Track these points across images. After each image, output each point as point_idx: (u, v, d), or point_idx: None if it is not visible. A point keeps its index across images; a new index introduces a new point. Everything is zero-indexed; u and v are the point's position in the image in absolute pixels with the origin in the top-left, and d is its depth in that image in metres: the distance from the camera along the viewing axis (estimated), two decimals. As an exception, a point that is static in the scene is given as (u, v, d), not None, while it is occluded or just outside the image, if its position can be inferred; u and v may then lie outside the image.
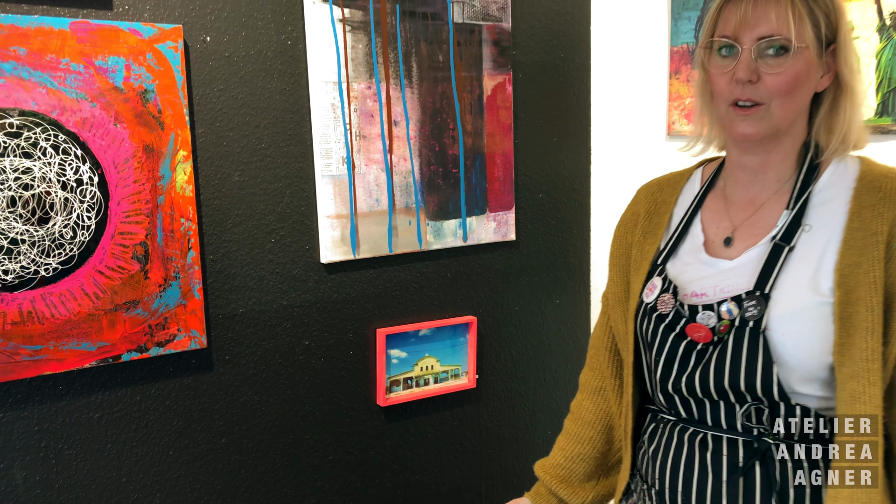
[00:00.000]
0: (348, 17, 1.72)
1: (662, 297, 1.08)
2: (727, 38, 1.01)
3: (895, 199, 0.97)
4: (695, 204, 1.15)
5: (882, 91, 1.80)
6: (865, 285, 0.94)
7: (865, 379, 0.93)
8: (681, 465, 1.06)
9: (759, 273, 1.00)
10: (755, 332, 0.97)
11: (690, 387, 1.03)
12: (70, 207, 1.44)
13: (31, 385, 1.47)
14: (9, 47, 1.36)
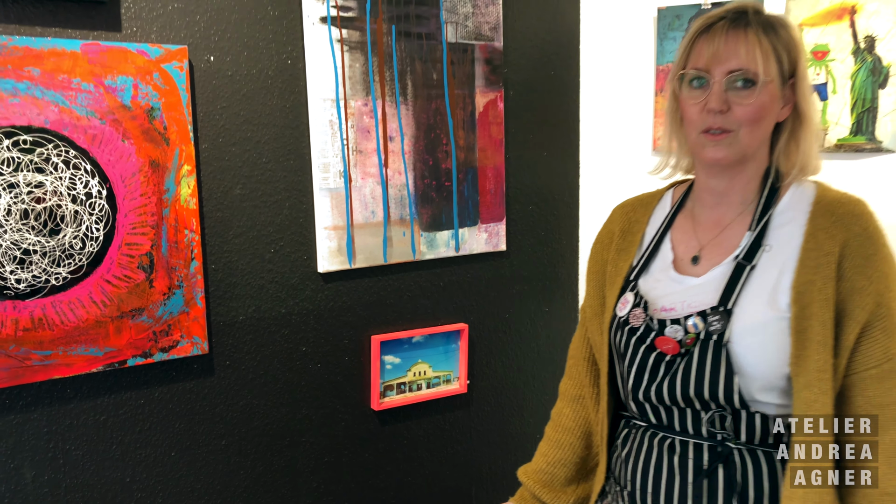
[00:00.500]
0: (346, 38, 1.80)
1: (634, 312, 1.15)
2: (700, 70, 1.08)
3: (846, 222, 1.05)
4: (665, 224, 1.23)
5: (857, 111, 1.88)
6: (819, 302, 1.02)
7: (818, 388, 1.01)
8: (651, 468, 1.13)
9: (722, 290, 1.08)
10: (718, 345, 1.05)
11: (659, 395, 1.11)
12: (80, 219, 1.51)
13: (41, 388, 1.54)
14: (23, 68, 1.43)
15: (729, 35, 1.06)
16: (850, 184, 1.89)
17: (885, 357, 1.02)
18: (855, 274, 1.03)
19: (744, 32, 1.06)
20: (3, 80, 1.41)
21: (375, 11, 1.83)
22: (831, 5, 1.87)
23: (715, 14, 1.10)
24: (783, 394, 1.05)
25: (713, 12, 1.11)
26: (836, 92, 1.89)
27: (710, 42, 1.08)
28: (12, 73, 1.42)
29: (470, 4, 1.97)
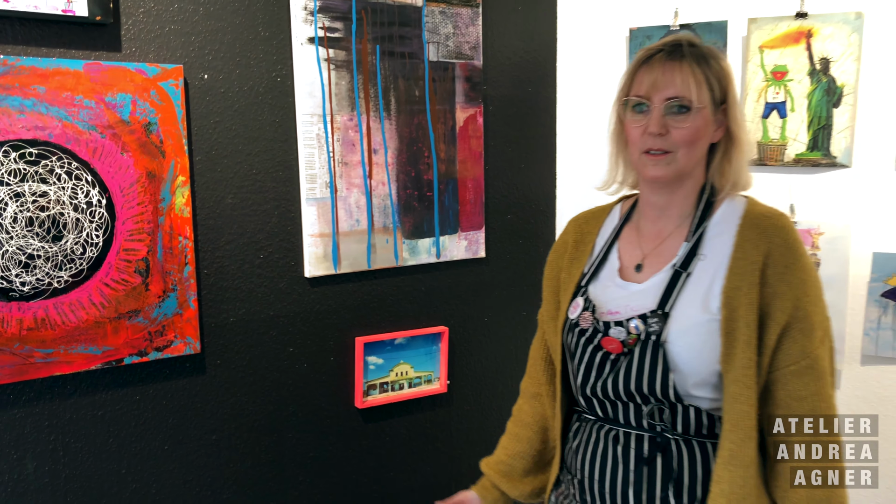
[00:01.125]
0: (333, 57, 1.91)
1: (584, 315, 1.26)
2: (641, 97, 1.20)
3: (769, 234, 1.17)
4: (614, 235, 1.34)
5: (813, 128, 2.00)
6: (744, 305, 1.13)
7: (743, 383, 1.12)
8: (597, 458, 1.24)
9: (661, 295, 1.19)
10: (656, 345, 1.16)
11: (605, 390, 1.22)
12: (81, 227, 1.62)
13: (42, 385, 1.64)
14: (30, 86, 1.54)
15: (666, 66, 1.18)
16: (807, 196, 2.02)
17: (803, 355, 1.14)
18: (776, 280, 1.14)
19: (679, 64, 1.18)
20: (10, 97, 1.52)
21: (361, 32, 1.95)
22: (789, 29, 1.99)
23: (654, 47, 1.22)
24: (715, 389, 1.17)
25: (652, 45, 1.23)
26: (794, 110, 2.01)
27: (649, 72, 1.19)
28: (19, 91, 1.53)
29: (451, 25, 2.09)
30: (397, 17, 2.00)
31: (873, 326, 1.96)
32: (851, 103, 1.94)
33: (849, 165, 1.97)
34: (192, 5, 1.73)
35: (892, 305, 1.93)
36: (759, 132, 2.07)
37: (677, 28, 2.15)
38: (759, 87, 2.05)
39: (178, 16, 1.71)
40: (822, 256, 2.00)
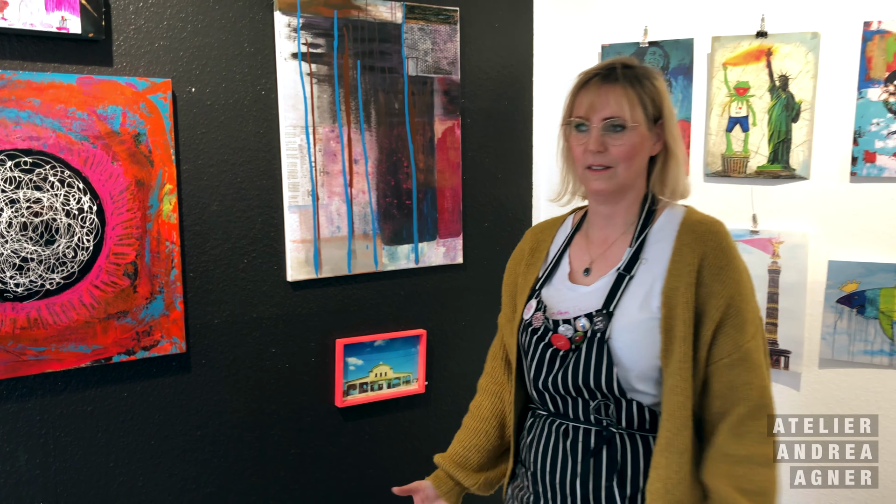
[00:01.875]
0: (315, 72, 2.01)
1: (536, 315, 1.36)
2: (581, 118, 1.30)
3: (705, 239, 1.27)
4: (566, 242, 1.44)
5: (773, 142, 2.10)
6: (681, 304, 1.23)
7: (680, 376, 1.22)
8: (549, 451, 1.33)
9: (606, 296, 1.29)
10: (601, 341, 1.26)
11: (555, 385, 1.31)
12: (72, 232, 1.71)
13: (34, 381, 1.73)
14: (26, 98, 1.63)
15: (601, 88, 1.28)
16: (768, 206, 2.11)
17: (735, 348, 1.23)
18: (711, 280, 1.24)
19: (613, 86, 1.28)
20: (7, 110, 1.62)
21: (342, 48, 2.05)
22: (750, 47, 2.09)
23: (591, 71, 1.32)
24: (656, 384, 1.26)
25: (590, 69, 1.33)
26: (755, 124, 2.11)
27: (587, 95, 1.30)
28: (15, 104, 1.62)
29: (429, 41, 2.19)
30: (377, 33, 2.10)
31: (830, 331, 2.05)
32: (809, 118, 2.04)
33: (807, 177, 2.06)
34: (180, 23, 1.83)
35: (846, 311, 2.02)
36: (723, 145, 2.16)
37: (646, 45, 2.25)
38: (723, 102, 2.15)
39: (167, 32, 1.81)
40: (782, 264, 2.10)
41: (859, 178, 1.99)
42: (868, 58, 1.94)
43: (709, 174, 2.20)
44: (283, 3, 1.94)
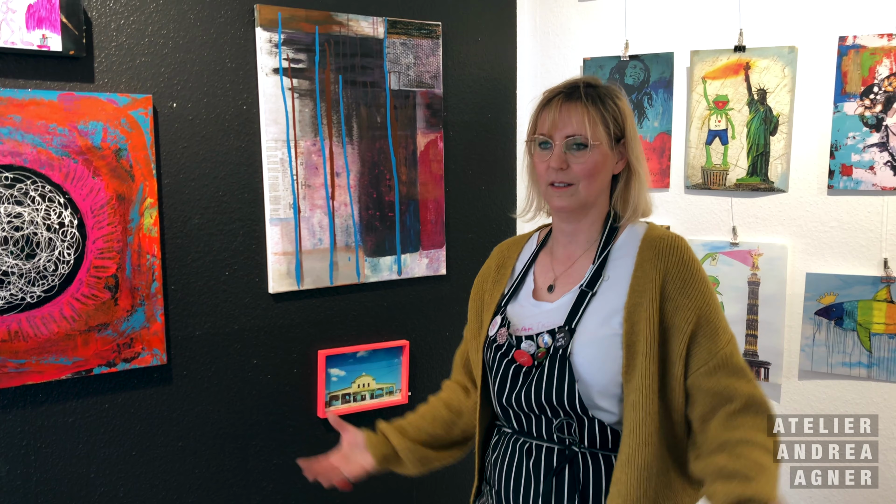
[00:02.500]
0: (296, 86, 2.03)
1: (500, 331, 1.37)
2: (544, 135, 1.32)
3: (666, 255, 1.28)
4: (531, 259, 1.45)
5: (752, 155, 2.11)
6: (644, 320, 1.24)
7: (642, 392, 1.23)
8: (513, 470, 1.34)
9: (568, 312, 1.30)
10: (563, 357, 1.27)
11: (518, 402, 1.32)
12: (53, 246, 1.73)
13: (15, 393, 1.75)
14: (6, 115, 1.66)
15: (563, 107, 1.30)
16: (747, 218, 2.13)
17: (711, 356, 1.25)
18: (677, 294, 1.26)
19: (575, 105, 1.29)
20: (-12, 126, 1.64)
21: (324, 63, 2.07)
22: (729, 61, 2.11)
23: (555, 89, 1.34)
24: (619, 402, 1.27)
25: (554, 87, 1.35)
26: (734, 137, 2.13)
27: (550, 112, 1.31)
28: (-3, 120, 1.65)
29: (412, 56, 2.21)
30: (359, 48, 2.13)
31: (808, 343, 2.06)
32: (786, 132, 2.05)
33: (785, 190, 2.08)
34: (161, 39, 1.85)
35: (825, 323, 2.03)
36: (702, 158, 2.18)
37: (626, 59, 2.27)
38: (703, 115, 2.17)
39: (148, 49, 1.84)
40: (761, 276, 2.11)
41: (836, 191, 2.01)
42: (844, 72, 1.96)
43: (689, 186, 2.21)
44: (265, 19, 1.97)
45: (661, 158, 2.26)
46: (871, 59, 1.92)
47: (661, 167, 2.26)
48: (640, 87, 2.28)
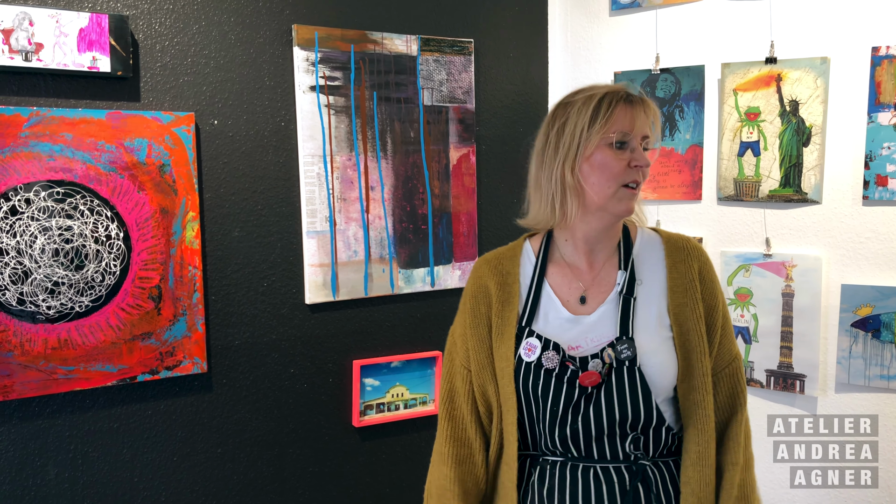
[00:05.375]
0: (332, 103, 2.10)
1: (546, 354, 1.27)
2: (626, 133, 1.27)
3: (694, 255, 1.32)
4: (538, 273, 1.36)
5: (784, 166, 2.10)
6: (693, 319, 1.27)
7: (703, 390, 1.26)
8: (578, 498, 1.26)
9: (619, 322, 1.28)
10: (632, 369, 1.25)
11: (585, 425, 1.25)
12: (100, 257, 1.81)
13: (64, 399, 1.83)
14: (59, 133, 1.75)
15: (636, 107, 1.28)
16: (780, 230, 2.12)
17: (731, 356, 1.31)
18: (708, 294, 1.30)
19: (638, 107, 1.28)
20: (42, 144, 1.73)
21: (359, 80, 2.13)
22: (760, 73, 2.12)
23: (615, 89, 1.29)
24: (672, 403, 1.29)
25: (597, 87, 1.31)
26: (766, 149, 2.13)
27: (626, 112, 1.26)
28: (49, 138, 1.74)
29: (444, 72, 2.26)
30: (393, 65, 2.18)
31: (845, 355, 2.04)
32: (819, 143, 2.04)
33: (819, 201, 2.06)
34: (203, 59, 1.93)
35: (861, 335, 2.01)
36: (735, 169, 2.18)
37: (657, 72, 2.29)
38: (735, 126, 2.17)
39: (190, 69, 1.92)
40: (796, 288, 2.10)
41: (872, 202, 1.99)
42: (877, 82, 1.95)
43: (721, 198, 2.21)
44: (302, 38, 2.04)
45: (693, 170, 2.26)
46: (905, 69, 1.91)
47: (693, 179, 2.26)
48: (671, 100, 2.29)
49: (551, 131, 1.32)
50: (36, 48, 1.70)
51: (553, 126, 1.32)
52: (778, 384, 2.13)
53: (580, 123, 1.28)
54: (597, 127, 1.27)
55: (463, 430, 1.37)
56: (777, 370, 2.14)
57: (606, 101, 1.28)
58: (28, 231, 1.74)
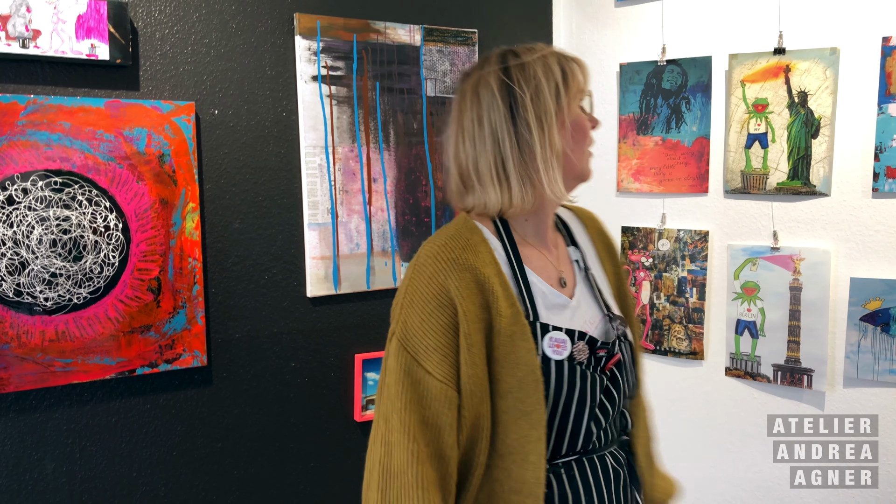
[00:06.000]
0: (335, 93, 2.07)
1: (577, 347, 1.14)
2: (588, 91, 1.21)
3: (600, 223, 1.39)
4: (514, 260, 1.18)
5: (792, 158, 2.08)
6: (624, 284, 1.33)
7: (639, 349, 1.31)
8: (602, 489, 1.17)
9: (600, 299, 1.25)
10: (625, 341, 1.23)
11: (605, 411, 1.17)
12: (99, 248, 1.78)
13: (62, 392, 1.80)
14: (56, 122, 1.72)
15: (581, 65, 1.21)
16: (788, 223, 2.10)
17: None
18: (618, 260, 1.37)
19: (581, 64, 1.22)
20: (39, 132, 1.70)
21: (361, 70, 2.10)
22: (768, 64, 2.09)
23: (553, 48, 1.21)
24: None
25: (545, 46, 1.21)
26: (774, 141, 2.10)
27: (579, 69, 1.19)
28: (47, 127, 1.71)
29: (448, 63, 2.23)
30: (396, 56, 2.15)
31: (854, 350, 2.01)
32: (828, 134, 2.01)
33: (828, 194, 2.04)
34: (203, 48, 1.90)
35: (870, 329, 1.99)
36: (742, 162, 2.15)
37: (664, 63, 2.26)
38: (742, 118, 2.14)
39: (191, 57, 1.89)
40: (804, 281, 2.07)
41: (881, 194, 1.96)
42: (888, 73, 1.92)
43: (728, 191, 2.19)
44: (304, 27, 2.01)
45: (700, 163, 2.23)
46: (917, 59, 1.88)
47: (700, 171, 2.23)
48: (677, 92, 2.26)
49: (522, 100, 1.14)
50: (33, 35, 1.67)
51: (523, 93, 1.14)
52: (785, 379, 2.11)
53: (552, 85, 1.15)
54: (571, 87, 1.18)
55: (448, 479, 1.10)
56: (784, 365, 2.11)
57: (563, 59, 1.19)
58: (25, 221, 1.71)
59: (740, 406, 2.20)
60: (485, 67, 1.20)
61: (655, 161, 2.30)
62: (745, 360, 2.18)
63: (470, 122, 1.18)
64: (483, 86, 1.17)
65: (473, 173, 1.18)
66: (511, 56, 1.19)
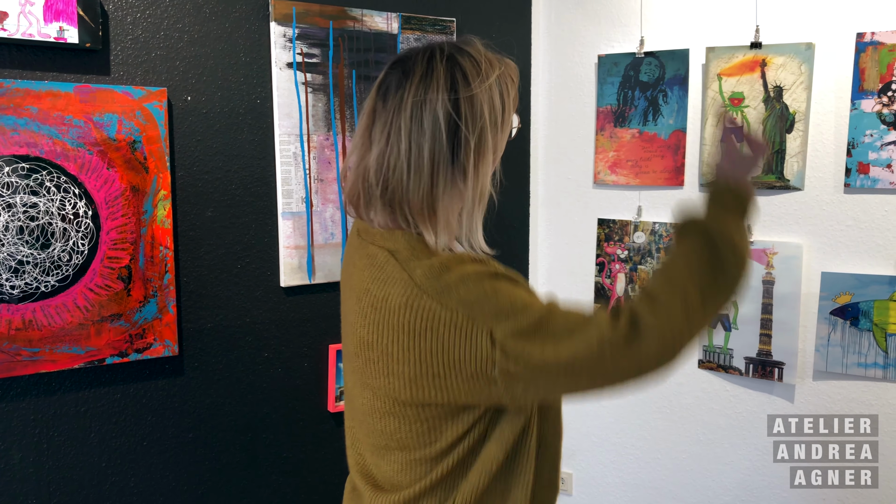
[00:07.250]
0: (310, 81, 2.04)
1: None
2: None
3: None
4: None
5: (767, 153, 2.09)
6: None
7: None
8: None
9: None
10: None
11: None
12: (68, 236, 1.75)
13: (29, 381, 1.77)
14: (24, 106, 1.68)
15: None
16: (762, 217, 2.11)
17: None
18: None
19: None
20: (5, 117, 1.66)
21: (337, 58, 2.08)
22: (745, 58, 2.09)
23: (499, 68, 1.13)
24: None
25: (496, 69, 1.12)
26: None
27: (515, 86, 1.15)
28: (14, 111, 1.67)
29: (425, 51, 2.21)
30: (373, 43, 2.13)
31: (823, 343, 2.04)
32: (803, 129, 2.03)
33: (801, 188, 2.05)
34: (177, 33, 1.87)
35: (840, 323, 2.01)
36: (717, 155, 2.16)
37: (642, 55, 2.26)
38: (718, 112, 2.15)
39: (163, 42, 1.85)
40: (776, 275, 2.09)
41: (853, 190, 1.98)
42: (861, 69, 1.93)
43: (704, 184, 2.20)
44: (279, 13, 1.98)
45: (676, 156, 2.24)
46: (890, 56, 1.89)
47: (676, 165, 2.24)
48: (655, 84, 2.26)
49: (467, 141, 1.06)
50: (0, 17, 1.63)
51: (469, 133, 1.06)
52: (756, 372, 2.13)
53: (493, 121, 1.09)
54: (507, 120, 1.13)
55: None
56: (756, 358, 2.13)
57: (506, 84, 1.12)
58: (-9, 207, 1.67)
59: (714, 399, 2.22)
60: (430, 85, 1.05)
61: (632, 153, 2.30)
62: (718, 353, 2.20)
63: (407, 140, 1.05)
64: (428, 111, 1.04)
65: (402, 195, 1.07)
66: (462, 83, 1.06)
